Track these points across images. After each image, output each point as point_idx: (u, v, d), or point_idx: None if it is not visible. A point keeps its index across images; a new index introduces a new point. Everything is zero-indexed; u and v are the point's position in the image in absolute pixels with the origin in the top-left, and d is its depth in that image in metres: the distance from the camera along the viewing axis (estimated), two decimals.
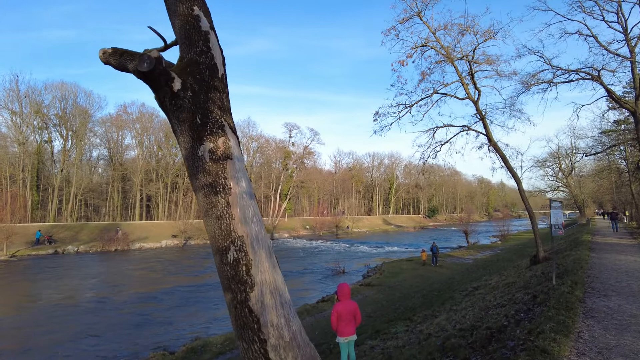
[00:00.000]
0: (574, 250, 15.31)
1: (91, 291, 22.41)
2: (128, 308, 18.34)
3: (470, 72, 15.44)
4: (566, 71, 19.15)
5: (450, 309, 11.55)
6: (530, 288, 9.38)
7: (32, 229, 42.66)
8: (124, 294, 21.59)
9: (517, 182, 15.65)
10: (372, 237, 63.91)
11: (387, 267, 25.21)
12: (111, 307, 18.49)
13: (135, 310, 17.84)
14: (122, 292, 21.90)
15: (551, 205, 7.95)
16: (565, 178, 60.02)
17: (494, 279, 15.78)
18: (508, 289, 11.42)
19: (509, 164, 15.60)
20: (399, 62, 16.65)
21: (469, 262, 26.98)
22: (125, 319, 16.43)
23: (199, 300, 19.69)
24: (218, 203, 4.12)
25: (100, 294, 21.37)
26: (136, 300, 20.01)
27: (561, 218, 7.94)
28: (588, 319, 5.35)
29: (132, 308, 18.33)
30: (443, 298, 14.07)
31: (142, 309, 18.06)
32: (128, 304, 19.20)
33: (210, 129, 4.15)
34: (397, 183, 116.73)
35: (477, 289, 14.57)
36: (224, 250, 4.18)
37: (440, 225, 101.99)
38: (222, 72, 4.48)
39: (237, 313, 4.12)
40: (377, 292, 16.66)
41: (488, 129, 15.89)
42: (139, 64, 3.71)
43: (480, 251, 33.79)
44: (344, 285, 5.22)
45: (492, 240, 49.98)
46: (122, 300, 19.85)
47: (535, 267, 14.91)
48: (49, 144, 53.68)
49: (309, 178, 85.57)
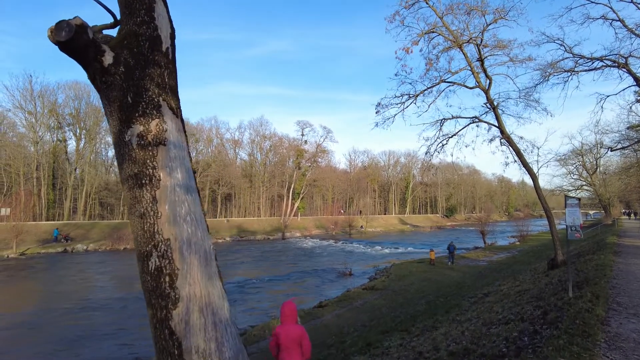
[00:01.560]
0: (597, 254, 13.80)
1: (87, 291, 21.92)
2: (117, 308, 17.68)
3: (479, 57, 14.07)
4: (589, 59, 17.59)
5: (453, 319, 10.32)
6: (542, 299, 8.08)
7: (44, 227, 42.99)
8: (118, 293, 20.99)
9: (533, 178, 14.22)
10: (386, 237, 62.38)
11: (396, 269, 23.94)
12: (101, 307, 17.85)
13: (125, 312, 17.15)
14: (117, 292, 21.32)
15: (567, 202, 6.66)
16: (590, 176, 57.22)
17: (507, 284, 14.41)
18: (519, 298, 10.11)
19: (523, 158, 14.19)
20: (404, 49, 15.39)
21: (483, 264, 25.45)
22: (117, 320, 15.74)
23: None
24: (142, 198, 3.40)
25: (95, 294, 20.83)
26: (123, 300, 19.35)
27: (579, 218, 6.63)
28: (612, 351, 4.08)
29: (120, 309, 17.65)
30: (449, 305, 12.81)
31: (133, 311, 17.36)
32: (118, 303, 18.55)
33: (143, 109, 3.48)
34: (414, 182, 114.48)
35: (487, 296, 13.25)
36: (145, 256, 3.39)
37: (458, 225, 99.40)
38: (167, 45, 3.79)
39: (156, 334, 3.33)
40: (379, 297, 15.48)
41: (500, 121, 14.51)
42: (57, 33, 3.07)
43: (496, 252, 32.09)
44: (287, 305, 4.11)
45: (510, 241, 47.95)
46: (109, 300, 19.22)
47: (552, 272, 13.49)
48: (63, 143, 54.14)
49: (323, 177, 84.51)
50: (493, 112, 14.60)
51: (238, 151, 78.86)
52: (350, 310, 13.52)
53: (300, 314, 13.41)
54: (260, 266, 31.32)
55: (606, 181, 55.31)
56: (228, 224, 61.24)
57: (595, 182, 56.69)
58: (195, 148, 67.14)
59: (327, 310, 13.61)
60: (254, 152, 78.71)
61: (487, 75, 14.33)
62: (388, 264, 29.14)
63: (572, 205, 6.64)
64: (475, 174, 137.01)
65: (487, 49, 13.95)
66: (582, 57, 17.56)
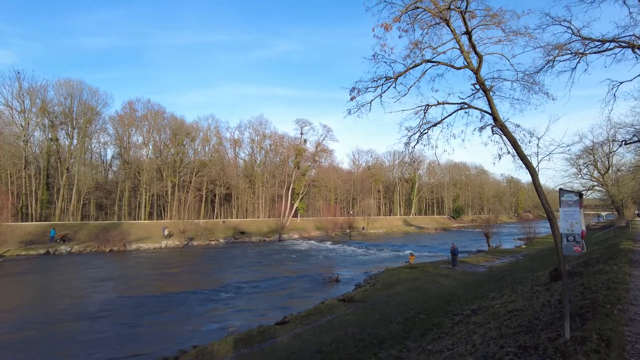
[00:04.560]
0: (609, 264, 11.53)
1: (43, 298, 20.14)
2: (85, 319, 15.84)
3: (467, 31, 11.90)
4: (600, 41, 15.37)
5: (424, 348, 8.20)
6: (532, 331, 5.95)
7: (29, 228, 41.55)
8: (68, 300, 19.18)
9: (532, 173, 12.01)
10: (388, 239, 60.00)
11: (384, 276, 21.78)
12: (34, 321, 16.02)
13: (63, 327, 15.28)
14: (79, 300, 19.52)
15: (561, 200, 4.50)
16: (602, 176, 54.26)
17: (500, 298, 12.21)
18: (507, 322, 7.96)
19: (520, 149, 12.00)
20: (382, 25, 13.27)
21: (482, 270, 23.13)
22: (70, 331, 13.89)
23: (166, 309, 17.02)
24: None
25: (47, 303, 19.03)
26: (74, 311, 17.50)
27: (580, 223, 4.45)
28: None
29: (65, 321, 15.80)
30: (428, 325, 10.68)
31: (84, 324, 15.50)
32: (66, 313, 16.71)
33: None
34: (420, 182, 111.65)
35: (476, 313, 11.10)
36: None
37: (464, 226, 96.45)
38: None
39: None
40: (353, 312, 13.36)
41: (493, 106, 12.34)
42: None
43: (499, 257, 29.69)
44: None
45: (516, 243, 45.34)
46: (61, 310, 17.40)
47: (554, 285, 11.29)
48: (55, 142, 52.76)
49: (324, 177, 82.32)
50: (485, 96, 12.44)
51: (238, 151, 77.18)
52: (313, 329, 11.44)
53: (253, 333, 11.38)
54: (243, 271, 29.31)
55: (619, 180, 52.29)
56: (224, 225, 59.40)
57: (608, 181, 53.75)
58: (192, 147, 65.48)
59: (287, 329, 11.54)
60: (254, 151, 76.95)
61: (476, 53, 12.16)
62: (381, 268, 26.96)
63: (569, 204, 4.50)
64: (483, 174, 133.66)
65: (475, 20, 11.79)
66: (592, 39, 15.38)
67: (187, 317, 16.28)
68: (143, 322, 15.66)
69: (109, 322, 15.79)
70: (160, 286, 23.21)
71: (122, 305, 18.32)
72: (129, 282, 24.59)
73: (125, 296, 20.43)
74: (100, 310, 17.42)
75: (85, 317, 16.40)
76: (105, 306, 18.23)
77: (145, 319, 16.18)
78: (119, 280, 25.17)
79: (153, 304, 18.65)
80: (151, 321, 15.82)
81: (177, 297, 19.88)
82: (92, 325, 15.21)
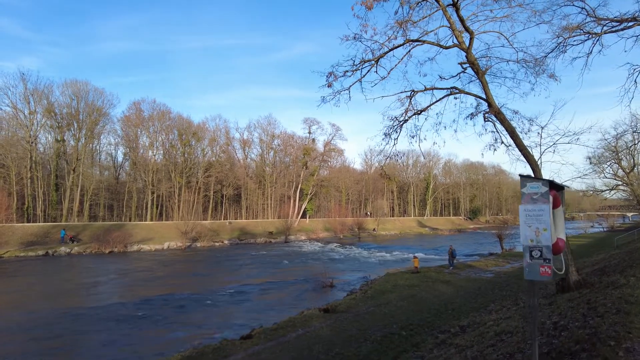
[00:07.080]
0: (625, 275, 9.69)
1: (27, 301, 19.24)
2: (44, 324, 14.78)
3: (453, 2, 10.23)
4: (618, 21, 13.46)
5: None
6: None
7: (32, 229, 41.38)
8: (57, 306, 18.18)
9: (533, 166, 10.24)
10: (399, 241, 57.97)
11: (381, 282, 20.15)
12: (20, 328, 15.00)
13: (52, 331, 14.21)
14: (54, 304, 18.53)
15: (522, 190, 2.85)
16: (627, 175, 51.03)
17: (496, 313, 10.49)
18: (490, 350, 6.35)
19: (519, 139, 10.26)
20: (362, 3, 11.75)
21: (488, 276, 21.21)
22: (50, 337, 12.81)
23: (145, 316, 15.82)
24: None
25: (32, 306, 18.09)
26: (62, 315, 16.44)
27: (550, 227, 2.77)
28: None
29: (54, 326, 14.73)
30: (404, 346, 9.08)
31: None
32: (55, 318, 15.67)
33: None
34: (435, 183, 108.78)
35: (464, 331, 9.45)
36: None
37: (481, 227, 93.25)
38: None
39: None
40: (328, 325, 11.82)
41: (487, 90, 10.63)
42: None
43: (510, 260, 27.61)
44: None
45: None
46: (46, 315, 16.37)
47: (561, 298, 9.55)
48: (62, 143, 52.79)
49: (334, 177, 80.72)
50: (478, 79, 10.75)
51: (248, 151, 76.25)
52: (277, 345, 9.96)
53: (208, 349, 9.99)
54: (240, 273, 28.06)
55: None
56: (230, 226, 58.51)
57: (633, 181, 50.49)
58: (199, 147, 64.81)
59: (247, 345, 10.10)
60: (263, 151, 75.85)
61: (465, 28, 10.49)
62: (383, 273, 25.29)
63: (534, 199, 2.88)
64: (501, 174, 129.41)
65: None
66: (608, 19, 13.49)
67: (155, 325, 15.03)
68: (103, 329, 14.46)
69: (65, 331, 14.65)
70: (136, 291, 21.95)
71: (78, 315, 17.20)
72: (107, 288, 23.60)
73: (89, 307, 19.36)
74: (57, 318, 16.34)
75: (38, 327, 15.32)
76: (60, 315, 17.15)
77: (107, 325, 14.99)
78: (97, 286, 24.22)
79: (125, 310, 17.46)
80: (114, 330, 14.61)
81: (153, 303, 18.65)
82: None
